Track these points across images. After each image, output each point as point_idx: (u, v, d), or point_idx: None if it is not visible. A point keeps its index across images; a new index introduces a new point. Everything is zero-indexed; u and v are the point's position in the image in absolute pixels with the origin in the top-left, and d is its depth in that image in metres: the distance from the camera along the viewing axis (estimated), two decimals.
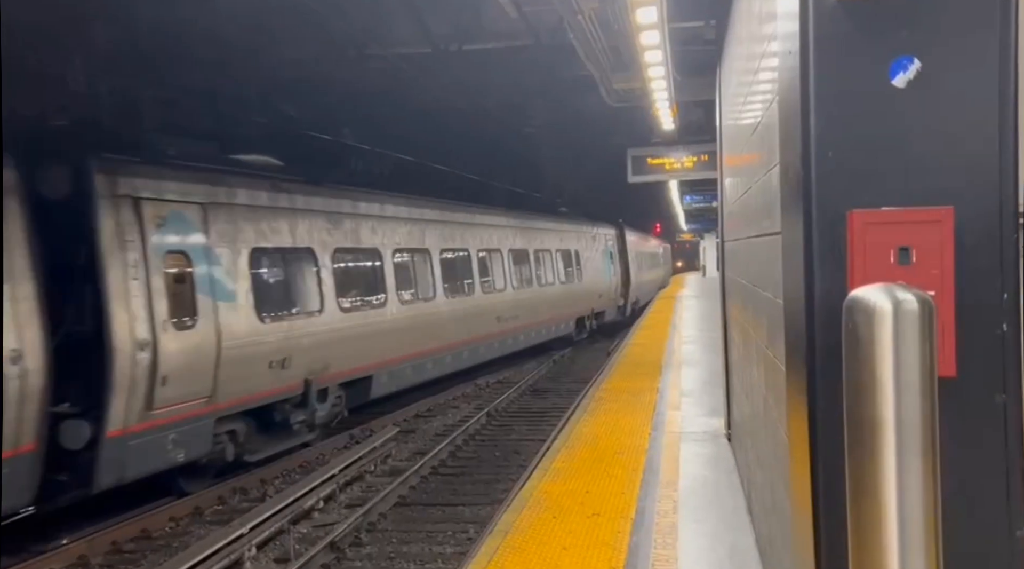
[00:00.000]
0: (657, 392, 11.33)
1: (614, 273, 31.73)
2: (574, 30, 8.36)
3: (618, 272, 32.47)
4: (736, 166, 6.33)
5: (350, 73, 15.50)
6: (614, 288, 31.63)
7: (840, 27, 2.80)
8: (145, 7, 11.86)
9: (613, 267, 31.63)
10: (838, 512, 2.57)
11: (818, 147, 2.81)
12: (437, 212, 17.87)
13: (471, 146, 24.06)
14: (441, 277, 17.37)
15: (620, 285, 32.72)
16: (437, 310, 17.11)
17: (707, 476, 7.09)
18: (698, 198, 25.93)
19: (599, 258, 29.88)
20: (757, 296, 4.64)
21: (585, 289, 27.74)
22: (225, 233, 11.22)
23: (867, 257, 2.73)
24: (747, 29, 5.03)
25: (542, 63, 15.27)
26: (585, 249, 28.24)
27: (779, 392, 3.64)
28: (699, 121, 13.24)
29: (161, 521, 10.08)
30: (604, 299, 30.15)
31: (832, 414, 2.62)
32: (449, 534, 9.58)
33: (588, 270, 28.22)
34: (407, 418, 16.01)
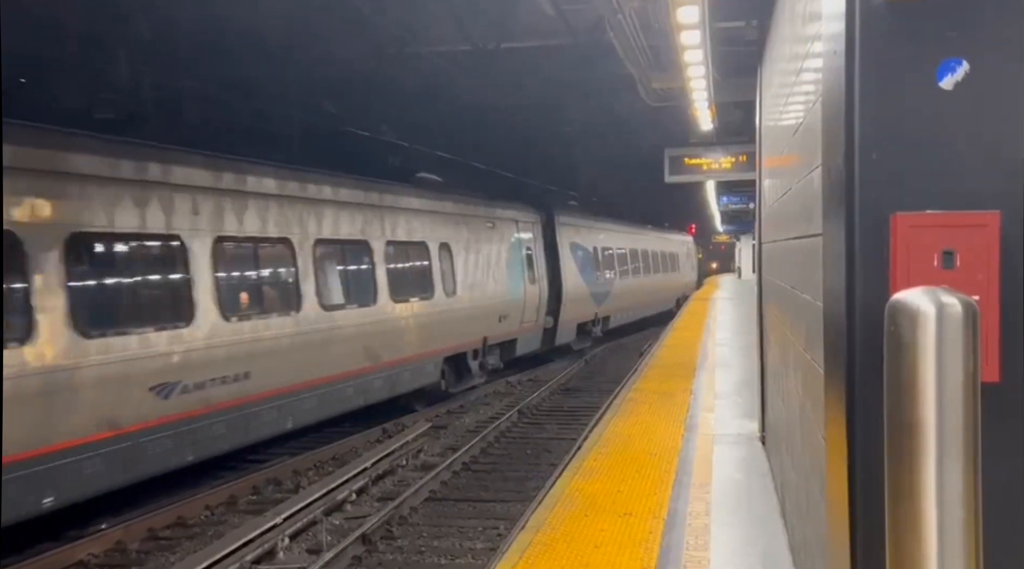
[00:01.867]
0: (690, 394, 11.27)
1: (532, 280, 20.95)
2: (614, 29, 8.36)
3: (540, 279, 21.72)
4: (775, 167, 6.28)
5: (389, 71, 15.61)
6: (530, 304, 20.87)
7: (887, 28, 2.77)
8: (188, 6, 12.05)
9: (530, 272, 20.92)
10: (875, 518, 2.55)
11: (862, 149, 2.79)
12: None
13: (507, 144, 24.10)
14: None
15: (544, 299, 21.98)
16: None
17: (740, 479, 7.04)
18: (735, 199, 25.74)
19: (502, 258, 19.48)
20: (796, 299, 4.61)
21: (465, 307, 17.41)
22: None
23: (910, 260, 2.71)
24: (790, 29, 4.99)
25: (579, 62, 15.27)
26: (464, 242, 17.77)
27: (817, 396, 3.62)
28: (738, 122, 13.15)
29: (196, 509, 10.24)
30: (511, 322, 19.74)
31: (871, 419, 2.60)
32: (479, 530, 9.63)
33: (470, 276, 17.78)
34: (439, 414, 16.09)
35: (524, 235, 21.04)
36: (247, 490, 11.07)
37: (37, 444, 8.17)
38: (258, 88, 14.84)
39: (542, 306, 21.67)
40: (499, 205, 19.96)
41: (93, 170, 9.08)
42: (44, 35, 10.92)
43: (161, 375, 9.49)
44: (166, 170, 10.09)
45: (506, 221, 20.08)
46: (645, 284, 33.49)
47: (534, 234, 21.72)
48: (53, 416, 8.33)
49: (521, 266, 20.35)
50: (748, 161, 13.05)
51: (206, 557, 8.01)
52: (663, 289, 37.00)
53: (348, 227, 13.55)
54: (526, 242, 21.04)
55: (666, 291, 37.64)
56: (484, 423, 15.20)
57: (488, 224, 19.06)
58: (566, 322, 23.39)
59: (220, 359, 10.33)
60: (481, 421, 15.54)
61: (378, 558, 8.84)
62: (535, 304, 21.11)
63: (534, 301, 21.01)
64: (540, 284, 21.53)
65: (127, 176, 9.50)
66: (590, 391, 18.83)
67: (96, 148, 9.30)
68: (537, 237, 21.91)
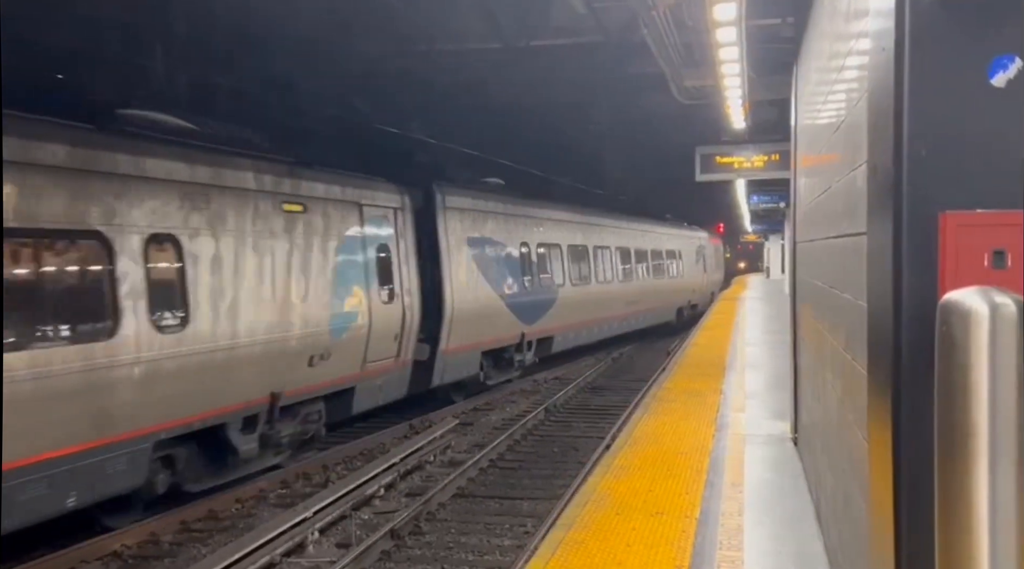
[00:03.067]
0: (720, 393, 11.21)
1: (387, 296, 13.79)
2: (648, 26, 8.33)
3: (408, 292, 14.42)
4: (813, 166, 6.22)
5: (420, 68, 15.65)
6: (382, 332, 13.61)
7: (938, 24, 2.74)
8: (221, 1, 12.17)
9: (383, 284, 13.75)
10: (922, 520, 2.52)
11: (911, 146, 2.75)
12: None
13: (536, 142, 24.06)
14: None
15: (415, 322, 14.65)
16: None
17: (772, 479, 7.00)
18: (765, 198, 25.53)
19: (320, 263, 12.26)
20: (835, 298, 4.56)
21: (213, 347, 10.11)
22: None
23: (959, 260, 2.67)
24: (830, 27, 4.94)
25: (611, 60, 15.22)
26: (211, 234, 10.28)
27: (858, 396, 3.58)
28: (771, 120, 13.05)
29: (228, 502, 10.34)
30: (339, 363, 12.55)
31: (918, 420, 2.57)
32: (507, 527, 9.63)
33: (228, 293, 10.45)
34: (465, 410, 16.13)
35: (374, 227, 13.64)
36: (277, 484, 11.16)
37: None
38: (291, 84, 14.94)
39: (409, 332, 14.33)
40: (321, 176, 12.41)
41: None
42: (82, 30, 11.05)
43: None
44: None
45: (336, 204, 12.64)
46: (619, 292, 25.36)
47: (397, 224, 14.29)
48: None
49: (365, 274, 13.16)
50: (781, 160, 12.94)
51: (237, 550, 8.08)
52: (654, 297, 28.67)
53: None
54: (378, 238, 13.70)
55: (659, 300, 29.35)
56: (511, 421, 15.21)
57: (288, 205, 11.42)
58: (455, 351, 15.69)
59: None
60: (508, 419, 15.55)
61: (407, 553, 8.88)
62: (392, 331, 13.77)
63: (390, 326, 13.69)
64: (406, 299, 14.21)
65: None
66: (617, 390, 18.77)
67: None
68: (404, 229, 14.51)
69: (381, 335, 13.44)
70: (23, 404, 7.58)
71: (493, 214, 18.00)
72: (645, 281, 28.36)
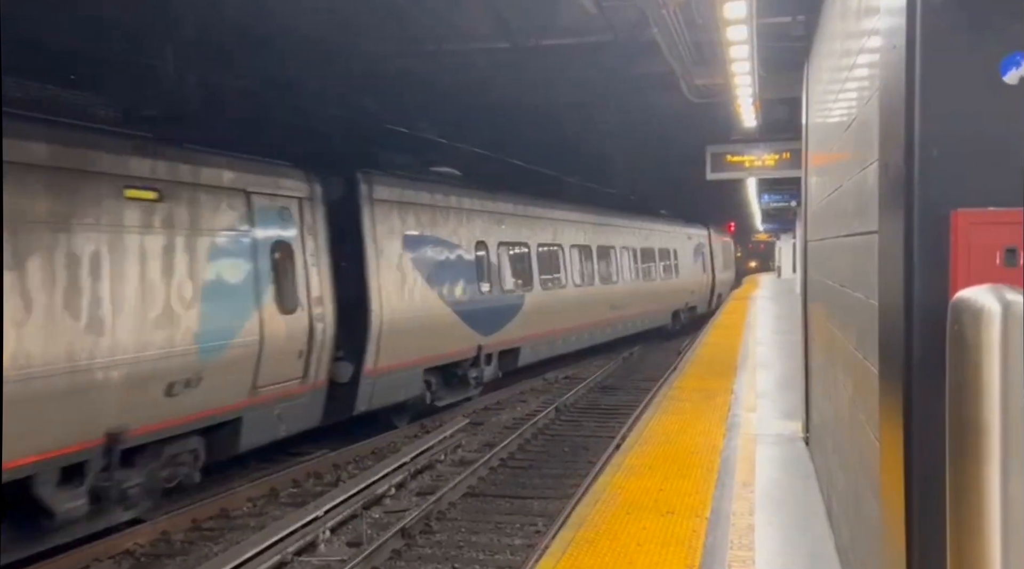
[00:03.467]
0: (731, 393, 11.19)
1: (287, 306, 11.28)
2: (657, 24, 8.30)
3: (320, 301, 11.99)
4: (824, 164, 6.20)
5: (428, 68, 15.66)
6: (281, 349, 11.10)
7: (949, 22, 2.73)
8: (229, 2, 12.20)
9: (282, 291, 11.23)
10: (934, 519, 2.51)
11: (922, 144, 2.74)
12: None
13: (545, 142, 24.03)
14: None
15: (327, 337, 12.05)
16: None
17: (784, 479, 6.98)
18: (776, 197, 25.44)
19: (189, 268, 9.74)
20: (846, 297, 4.55)
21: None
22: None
23: (971, 258, 2.66)
24: (841, 25, 4.92)
25: (620, 59, 15.18)
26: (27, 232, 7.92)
27: (870, 395, 3.57)
28: (782, 118, 13.00)
29: (239, 501, 10.38)
30: (218, 390, 10.10)
31: (930, 419, 2.56)
32: (517, 526, 9.64)
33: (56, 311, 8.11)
34: (476, 410, 16.13)
35: (268, 222, 11.06)
36: (288, 483, 11.19)
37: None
38: (298, 84, 14.97)
39: (320, 349, 11.73)
40: (186, 156, 9.98)
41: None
42: (91, 32, 11.10)
43: None
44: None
45: (209, 191, 10.13)
46: (601, 295, 22.95)
47: (303, 218, 11.75)
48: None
49: (254, 279, 10.63)
50: (792, 158, 12.90)
51: (249, 548, 8.11)
52: (644, 300, 26.36)
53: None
54: (274, 235, 11.16)
55: (650, 303, 27.00)
56: (521, 420, 15.21)
57: (133, 191, 9.09)
58: (387, 370, 13.22)
59: None
60: (518, 418, 15.55)
61: (417, 552, 8.89)
62: (294, 347, 11.30)
63: (291, 342, 11.22)
64: (314, 309, 11.65)
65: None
66: (627, 389, 18.75)
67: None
68: (313, 224, 11.94)
69: (278, 353, 10.82)
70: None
71: (441, 209, 15.31)
72: (633, 283, 25.73)
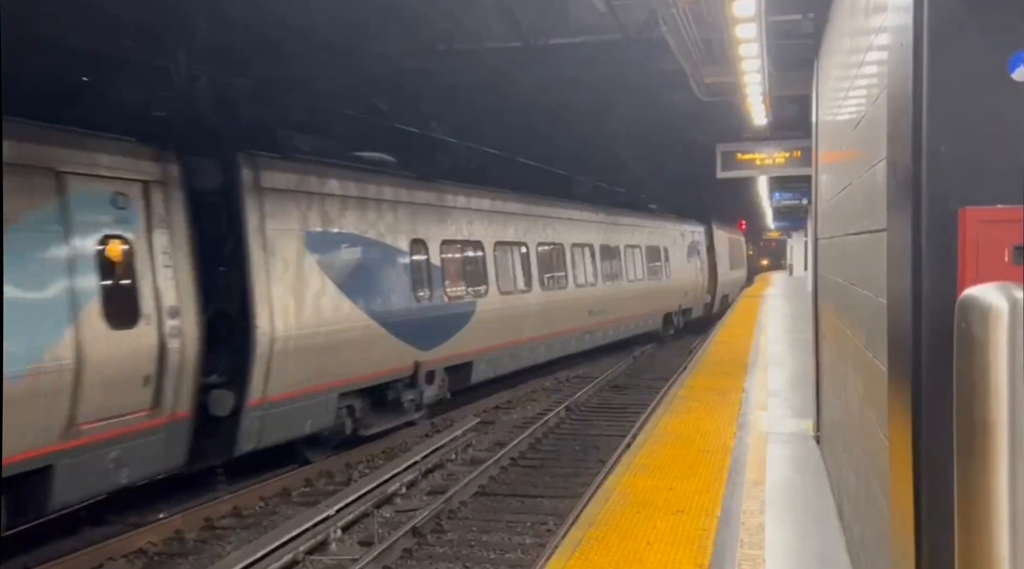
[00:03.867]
0: (743, 391, 11.17)
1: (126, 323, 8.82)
2: (667, 23, 8.30)
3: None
4: (833, 162, 6.19)
5: (439, 67, 15.69)
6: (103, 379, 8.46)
7: (956, 18, 2.72)
8: (240, 3, 12.26)
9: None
10: (943, 518, 2.50)
11: (930, 142, 2.74)
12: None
13: (556, 141, 24.02)
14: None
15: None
16: None
17: (795, 478, 6.97)
18: (787, 195, 25.34)
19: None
20: (855, 295, 4.54)
21: None
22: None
23: (980, 256, 2.65)
24: (850, 22, 4.91)
25: (630, 58, 15.17)
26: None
27: (879, 394, 3.56)
28: (792, 117, 12.97)
29: (251, 500, 10.42)
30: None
31: (938, 417, 2.55)
32: (528, 525, 9.65)
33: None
34: (487, 409, 16.15)
35: (89, 209, 8.73)
36: (300, 482, 11.24)
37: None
38: (310, 85, 15.03)
39: (178, 373, 9.34)
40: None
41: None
42: (105, 33, 11.17)
43: None
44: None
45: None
46: (575, 299, 20.29)
47: (149, 207, 9.36)
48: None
49: (67, 283, 8.34)
50: (803, 156, 12.86)
51: (261, 547, 8.15)
52: (628, 304, 23.79)
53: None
54: (100, 225, 8.84)
55: (636, 306, 24.46)
56: (532, 419, 15.22)
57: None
58: (284, 399, 10.77)
59: None
60: (529, 417, 15.56)
61: (428, 551, 8.92)
62: (136, 371, 8.94)
63: (130, 365, 8.84)
64: (167, 323, 9.27)
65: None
66: (638, 388, 18.73)
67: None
68: (166, 215, 9.53)
69: (108, 379, 8.50)
70: None
71: (360, 201, 12.72)
72: (614, 285, 22.98)
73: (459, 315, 15.17)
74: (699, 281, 31.60)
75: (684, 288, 29.42)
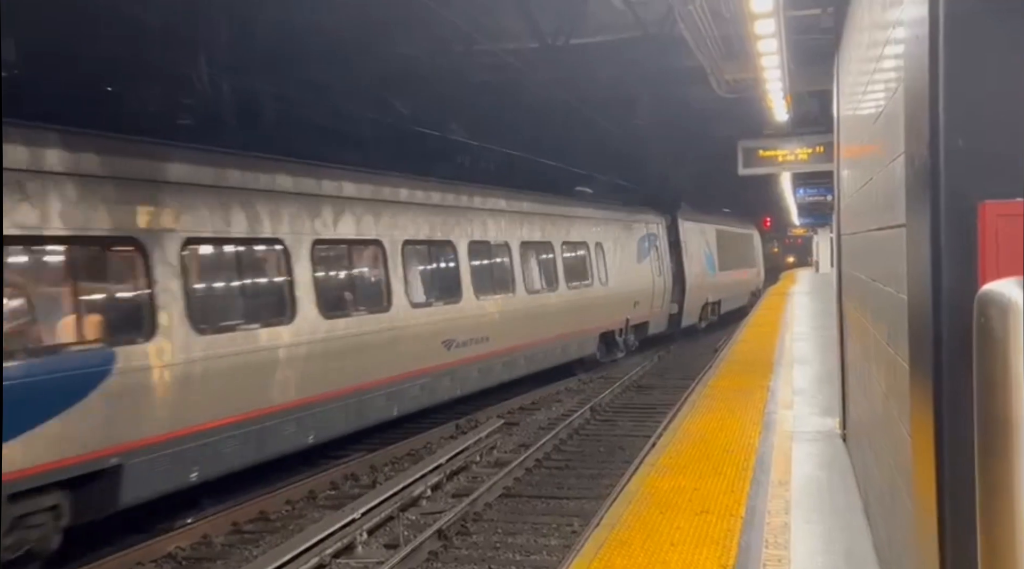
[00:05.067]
0: (768, 390, 11.08)
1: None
2: (684, 20, 8.26)
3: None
4: (855, 157, 6.12)
5: (458, 69, 15.73)
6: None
7: (972, 9, 2.68)
8: (261, 7, 12.35)
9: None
10: (965, 515, 2.47)
11: (947, 135, 2.70)
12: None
13: (577, 140, 23.96)
14: None
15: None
16: None
17: (821, 476, 6.90)
18: (812, 191, 25.12)
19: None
20: (878, 291, 4.49)
21: None
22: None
23: (1000, 250, 2.61)
24: (869, 15, 4.86)
25: (649, 55, 15.13)
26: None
27: (902, 391, 3.52)
28: (814, 112, 12.86)
29: (278, 504, 10.49)
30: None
31: (960, 414, 2.52)
32: (553, 527, 9.63)
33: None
34: (511, 410, 16.15)
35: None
36: (326, 485, 11.29)
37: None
38: (330, 87, 15.11)
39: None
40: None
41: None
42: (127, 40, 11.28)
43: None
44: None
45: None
46: (421, 324, 13.64)
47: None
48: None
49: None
50: (825, 152, 12.74)
51: (287, 551, 8.20)
52: (530, 325, 17.18)
53: None
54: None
55: (544, 327, 17.80)
56: (556, 420, 15.20)
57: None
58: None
59: None
60: (553, 418, 15.54)
61: (454, 553, 8.93)
62: None
63: None
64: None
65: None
66: (663, 388, 18.64)
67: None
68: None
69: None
70: None
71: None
72: (504, 300, 16.33)
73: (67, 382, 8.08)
74: (656, 289, 24.58)
75: (635, 297, 22.97)
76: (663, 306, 25.09)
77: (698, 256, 27.70)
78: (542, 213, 18.61)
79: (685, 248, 26.68)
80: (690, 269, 26.66)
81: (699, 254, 27.96)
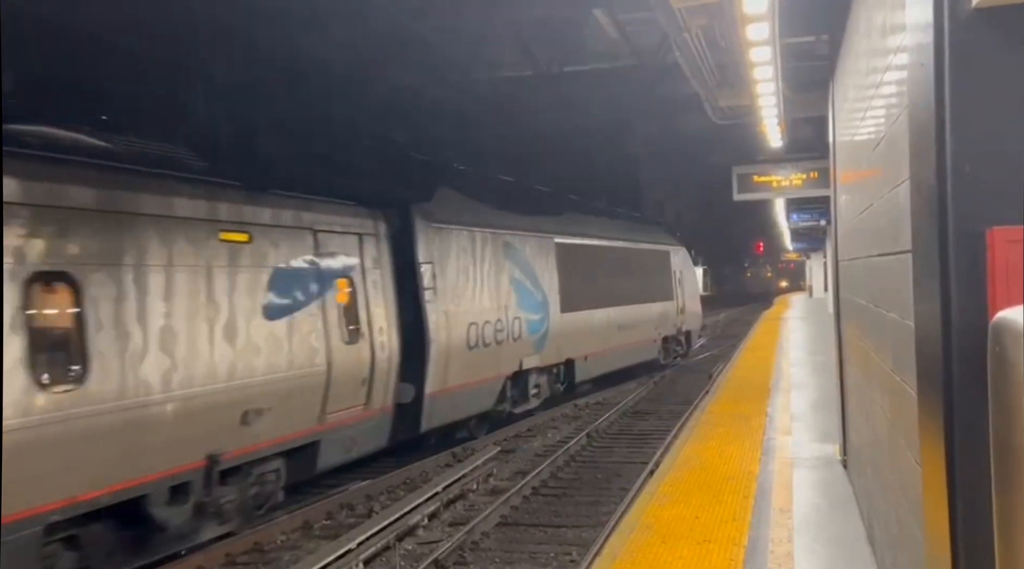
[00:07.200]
0: (766, 416, 11.04)
1: None
2: (680, 48, 8.30)
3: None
4: (853, 183, 6.13)
5: (454, 97, 15.80)
6: None
7: (977, 37, 2.69)
8: (259, 38, 12.40)
9: None
10: (981, 544, 2.43)
11: (954, 161, 2.69)
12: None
13: (572, 166, 24.02)
14: None
15: None
16: None
17: (822, 504, 6.84)
18: (805, 216, 25.18)
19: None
20: (881, 317, 4.47)
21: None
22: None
23: (1010, 277, 2.59)
24: (867, 43, 4.88)
25: (644, 83, 15.23)
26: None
27: (909, 418, 3.48)
28: (808, 138, 12.93)
29: (272, 535, 10.34)
30: None
31: (974, 442, 2.49)
32: (552, 556, 9.51)
33: None
34: (507, 437, 16.03)
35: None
36: (321, 515, 11.15)
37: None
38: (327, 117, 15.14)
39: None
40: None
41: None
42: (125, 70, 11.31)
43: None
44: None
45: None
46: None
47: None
48: None
49: None
50: (820, 177, 12.79)
51: None
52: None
53: None
54: None
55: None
56: (553, 447, 15.08)
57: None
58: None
59: None
60: (549, 445, 15.42)
61: None
62: None
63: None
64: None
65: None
66: (660, 414, 18.53)
67: None
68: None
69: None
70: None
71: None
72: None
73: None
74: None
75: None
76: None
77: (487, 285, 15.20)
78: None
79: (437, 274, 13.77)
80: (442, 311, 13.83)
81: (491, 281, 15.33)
